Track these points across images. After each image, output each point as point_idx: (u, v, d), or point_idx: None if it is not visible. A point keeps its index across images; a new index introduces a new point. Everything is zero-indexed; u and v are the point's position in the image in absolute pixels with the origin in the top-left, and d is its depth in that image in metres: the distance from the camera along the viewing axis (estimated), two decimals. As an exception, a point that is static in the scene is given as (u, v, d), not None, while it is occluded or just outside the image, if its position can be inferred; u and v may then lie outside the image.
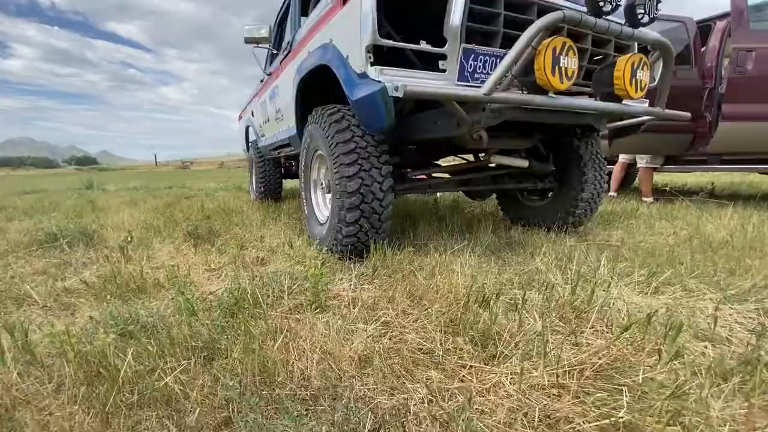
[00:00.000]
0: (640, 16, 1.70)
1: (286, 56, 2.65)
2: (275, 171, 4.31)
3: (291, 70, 2.51)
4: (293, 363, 0.92)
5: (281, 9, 3.45)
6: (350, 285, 1.54)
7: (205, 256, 2.15)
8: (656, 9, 1.74)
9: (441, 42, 1.61)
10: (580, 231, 2.84)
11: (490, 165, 2.43)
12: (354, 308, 1.32)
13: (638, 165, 4.64)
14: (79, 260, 2.16)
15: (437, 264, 1.74)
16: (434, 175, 2.56)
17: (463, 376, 0.90)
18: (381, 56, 1.61)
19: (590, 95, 1.97)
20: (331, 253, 2.00)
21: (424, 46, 1.60)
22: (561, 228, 2.79)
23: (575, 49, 1.59)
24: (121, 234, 2.78)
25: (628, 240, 2.61)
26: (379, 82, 1.52)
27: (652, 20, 1.75)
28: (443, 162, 3.09)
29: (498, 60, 1.70)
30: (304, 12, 3.07)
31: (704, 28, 4.27)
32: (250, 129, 4.65)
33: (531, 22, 1.72)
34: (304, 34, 2.24)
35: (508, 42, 1.71)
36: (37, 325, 1.16)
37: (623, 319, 1.20)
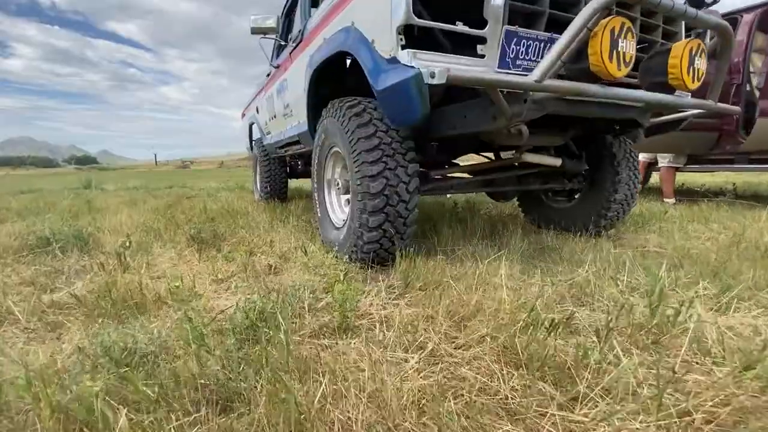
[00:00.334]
0: (705, -4, 1.51)
1: (296, 47, 2.45)
2: (281, 170, 4.12)
3: (302, 60, 2.31)
4: (330, 411, 0.73)
5: (286, 6, 3.26)
6: (380, 300, 1.35)
7: (210, 264, 1.96)
8: None
9: (473, 25, 1.43)
10: (612, 235, 2.65)
11: (518, 164, 2.24)
12: (388, 330, 1.13)
13: (660, 164, 4.45)
14: (72, 267, 1.97)
15: (474, 275, 1.55)
16: (456, 174, 2.37)
17: (548, 430, 0.71)
18: (410, 39, 1.42)
19: (632, 85, 1.78)
20: (351, 260, 1.81)
21: (461, 27, 1.40)
22: (591, 231, 2.60)
23: (633, 31, 1.40)
24: (119, 238, 2.58)
25: (667, 245, 2.42)
26: (413, 67, 1.33)
27: (715, 1, 1.55)
28: (462, 160, 2.90)
29: (542, 45, 1.50)
30: (315, 3, 2.88)
31: (730, 21, 4.08)
32: (254, 126, 4.45)
33: (577, 1, 1.54)
34: (318, 20, 2.04)
35: (551, 25, 1.52)
36: (12, 357, 0.97)
37: (716, 346, 1.01)
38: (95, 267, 1.84)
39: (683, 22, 1.87)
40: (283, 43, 2.89)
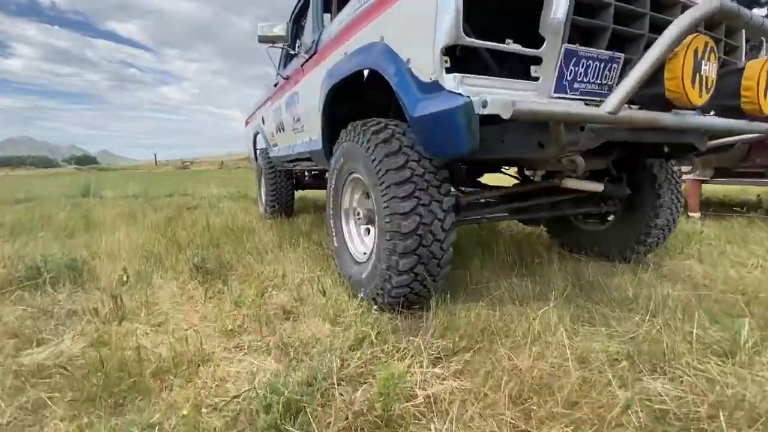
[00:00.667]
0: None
1: (309, 59, 2.25)
2: (287, 183, 3.92)
3: (317, 74, 2.11)
4: None
5: (298, 3, 3.05)
6: (422, 370, 1.14)
7: (217, 305, 1.75)
8: None
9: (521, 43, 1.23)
10: (651, 262, 2.44)
11: (555, 187, 2.04)
12: (440, 420, 0.93)
13: (685, 177, 4.24)
14: (63, 308, 1.77)
15: (523, 330, 1.35)
16: (484, 199, 2.16)
17: None
18: (452, 59, 1.22)
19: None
20: (375, 303, 1.61)
21: (514, 46, 1.20)
22: (625, 257, 2.40)
23: (716, 52, 1.19)
24: (116, 266, 2.38)
25: (714, 274, 2.22)
26: (460, 94, 1.12)
27: None
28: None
29: (602, 65, 1.30)
30: (327, 8, 2.68)
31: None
32: (259, 136, 4.25)
33: (641, 15, 1.33)
34: (337, 32, 1.84)
35: (611, 42, 1.32)
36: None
37: None
38: (88, 312, 1.64)
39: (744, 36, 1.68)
40: (292, 52, 2.68)
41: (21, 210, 5.05)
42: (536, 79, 1.25)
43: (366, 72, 1.64)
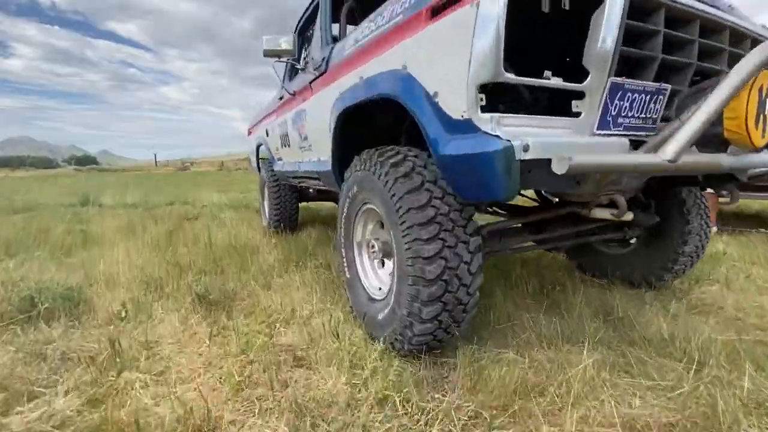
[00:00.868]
0: None
1: (318, 77, 2.12)
2: (291, 197, 3.80)
3: (327, 95, 1.99)
4: None
5: (305, 14, 2.94)
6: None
7: (222, 346, 1.64)
8: None
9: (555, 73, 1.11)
10: (678, 290, 2.33)
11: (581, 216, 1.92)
12: None
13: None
14: (58, 350, 1.64)
15: (558, 385, 1.23)
16: (507, 227, 2.04)
17: None
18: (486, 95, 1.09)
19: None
20: (394, 348, 1.49)
21: (556, 80, 1.08)
22: (650, 283, 2.29)
23: (782, 90, 1.07)
24: (115, 294, 2.27)
25: (746, 305, 2.10)
26: (497, 137, 1.00)
27: None
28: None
29: (648, 98, 1.18)
30: (335, 18, 2.56)
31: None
32: (263, 147, 4.13)
33: (689, 41, 1.21)
34: (353, 53, 1.71)
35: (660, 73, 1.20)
36: None
37: None
38: (84, 360, 1.52)
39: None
40: (299, 66, 2.56)
41: (19, 222, 4.92)
42: (577, 114, 1.13)
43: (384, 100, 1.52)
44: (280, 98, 3.05)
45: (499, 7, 0.91)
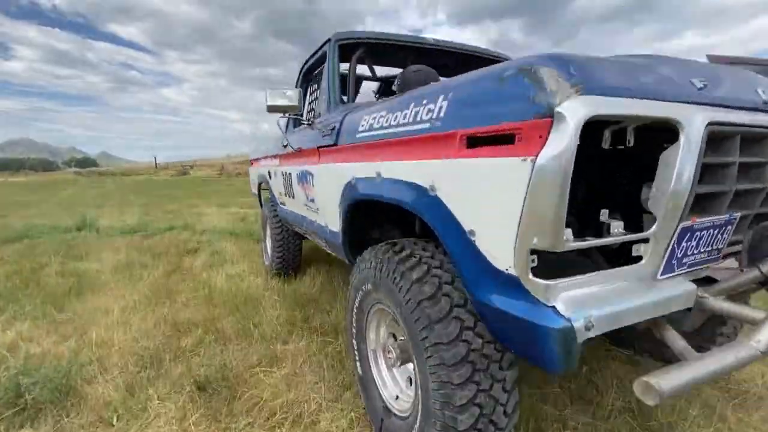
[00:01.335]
0: None
1: (328, 146, 1.96)
2: (295, 240, 3.63)
3: (337, 172, 1.82)
4: None
5: (312, 57, 2.78)
6: None
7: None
8: None
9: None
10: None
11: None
12: None
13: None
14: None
15: None
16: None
17: None
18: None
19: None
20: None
21: (621, 232, 0.91)
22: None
23: None
24: (108, 376, 2.10)
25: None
26: (554, 309, 0.84)
27: None
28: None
29: (717, 231, 1.02)
30: (343, 58, 2.40)
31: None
32: (265, 184, 3.96)
33: (763, 164, 1.05)
34: (365, 139, 1.53)
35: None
36: None
37: None
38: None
39: None
40: (304, 122, 2.40)
41: (12, 255, 4.76)
42: (638, 258, 0.96)
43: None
44: (284, 145, 2.88)
45: (564, 161, 0.75)
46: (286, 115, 2.40)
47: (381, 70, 3.17)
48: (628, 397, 1.85)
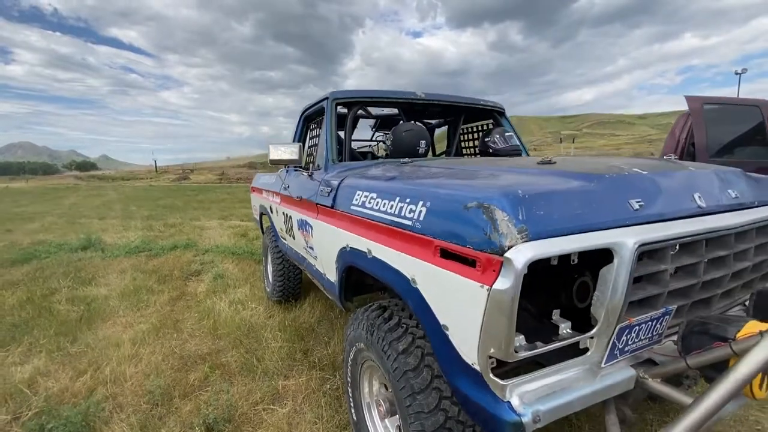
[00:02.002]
0: None
1: (325, 206, 2.14)
2: (295, 270, 3.80)
3: (333, 235, 2.00)
4: None
5: (313, 106, 2.96)
6: None
7: None
8: None
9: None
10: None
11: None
12: None
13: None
14: None
15: None
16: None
17: None
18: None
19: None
20: None
21: (569, 334, 1.10)
22: (655, 400, 2.30)
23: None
24: (123, 416, 2.27)
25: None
26: (509, 405, 1.02)
27: None
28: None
29: (655, 322, 1.20)
30: (340, 125, 2.59)
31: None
32: (266, 215, 4.15)
33: (697, 263, 1.24)
34: (357, 213, 1.72)
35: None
36: None
37: None
38: None
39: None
40: (304, 174, 2.58)
41: (22, 280, 4.93)
42: (585, 350, 1.15)
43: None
44: (286, 188, 3.07)
45: (512, 295, 0.93)
46: (287, 167, 2.58)
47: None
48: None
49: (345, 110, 2.78)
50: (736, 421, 2.21)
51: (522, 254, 0.92)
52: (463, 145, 3.69)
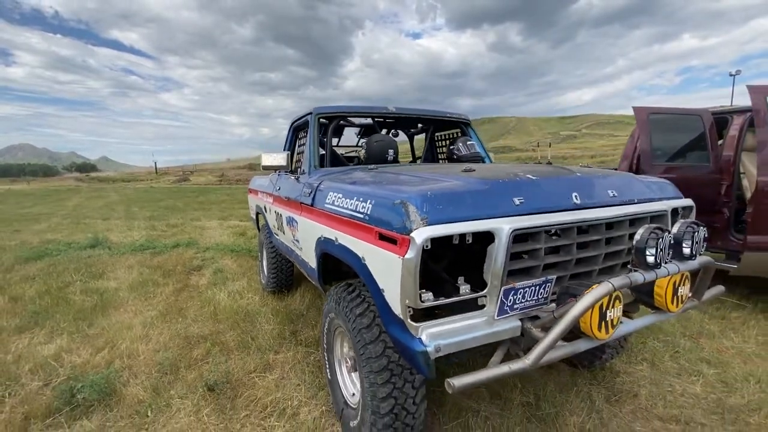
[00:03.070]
0: (686, 251, 1.66)
1: (306, 205, 2.59)
2: (287, 263, 4.25)
3: (312, 229, 2.45)
4: None
5: (300, 118, 3.40)
6: None
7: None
8: (702, 247, 1.70)
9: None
10: (608, 368, 2.79)
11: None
12: None
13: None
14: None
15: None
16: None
17: None
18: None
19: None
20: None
21: (466, 291, 1.54)
22: (584, 366, 2.75)
23: (621, 298, 1.54)
24: (137, 380, 2.71)
25: (660, 392, 2.55)
26: (420, 341, 1.47)
27: (693, 257, 1.71)
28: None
29: (537, 288, 1.65)
30: (324, 134, 3.02)
31: (722, 120, 4.24)
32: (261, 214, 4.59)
33: (570, 244, 1.68)
34: (328, 210, 2.17)
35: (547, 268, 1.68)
36: None
37: None
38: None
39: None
40: (292, 178, 3.03)
41: (37, 275, 5.36)
42: (482, 306, 1.59)
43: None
44: (277, 189, 3.52)
45: (415, 262, 1.38)
46: (278, 171, 3.03)
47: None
48: (529, 395, 2.47)
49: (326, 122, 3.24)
50: (653, 384, 2.65)
51: (421, 234, 1.37)
52: (439, 151, 4.15)
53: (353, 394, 2.18)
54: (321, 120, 3.07)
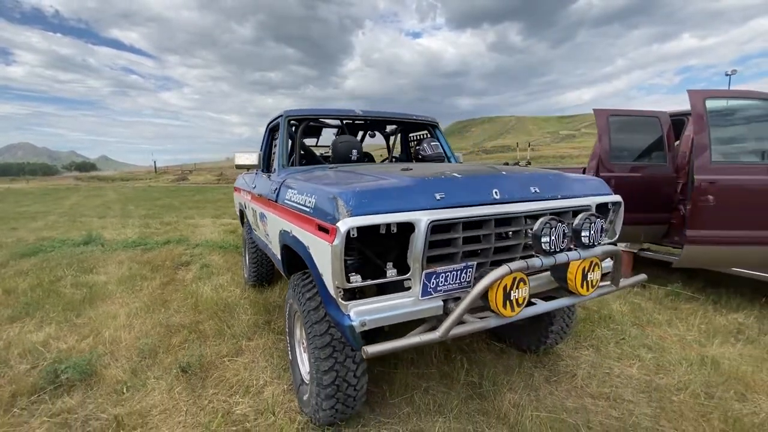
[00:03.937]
0: (584, 239, 1.88)
1: (272, 201, 2.81)
2: (267, 260, 4.47)
3: (276, 222, 2.68)
4: None
5: (275, 120, 3.62)
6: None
7: (195, 416, 2.31)
8: (600, 238, 1.93)
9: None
10: (553, 352, 3.01)
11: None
12: None
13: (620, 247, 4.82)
14: (78, 420, 2.32)
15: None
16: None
17: None
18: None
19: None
20: (312, 421, 2.17)
21: (391, 274, 1.76)
22: (534, 350, 2.98)
23: (526, 279, 1.76)
24: (119, 363, 2.93)
25: (597, 373, 2.77)
26: (348, 317, 1.69)
27: (592, 245, 1.93)
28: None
29: (458, 273, 1.87)
30: (291, 134, 3.24)
31: (678, 121, 4.47)
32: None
33: (488, 236, 1.91)
34: (287, 205, 2.40)
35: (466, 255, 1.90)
36: None
37: None
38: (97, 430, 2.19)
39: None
40: (264, 177, 3.25)
41: (31, 269, 5.58)
42: (409, 288, 1.81)
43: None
44: (253, 187, 3.74)
45: (341, 248, 1.60)
46: (250, 171, 3.25)
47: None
48: (474, 374, 2.70)
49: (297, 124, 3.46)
50: (593, 367, 2.87)
51: (345, 224, 1.59)
52: (412, 150, 4.37)
53: (308, 372, 2.41)
54: (291, 122, 3.29)
